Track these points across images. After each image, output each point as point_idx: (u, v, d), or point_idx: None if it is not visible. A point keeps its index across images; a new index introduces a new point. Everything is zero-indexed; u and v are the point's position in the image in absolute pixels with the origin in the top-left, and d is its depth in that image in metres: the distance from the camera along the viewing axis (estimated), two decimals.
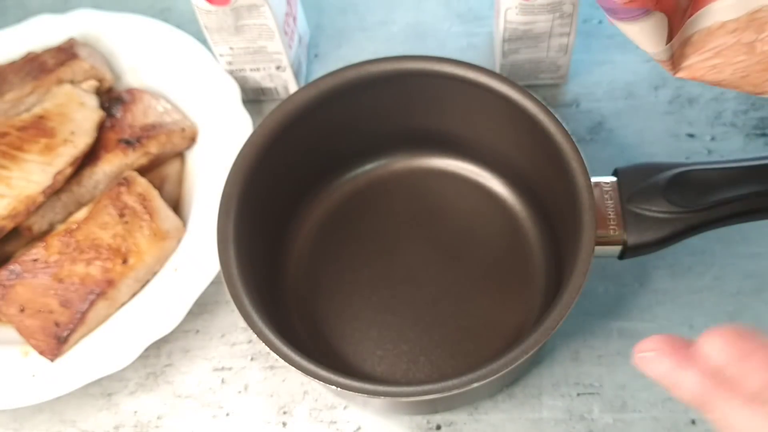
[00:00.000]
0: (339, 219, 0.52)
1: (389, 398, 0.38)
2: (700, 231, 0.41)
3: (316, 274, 0.50)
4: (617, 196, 0.42)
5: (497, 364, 0.37)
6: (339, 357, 0.47)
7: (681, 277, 0.50)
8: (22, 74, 0.56)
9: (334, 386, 0.38)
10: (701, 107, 0.55)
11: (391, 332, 0.48)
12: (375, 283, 0.49)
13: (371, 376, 0.47)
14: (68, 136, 0.52)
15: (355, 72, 0.46)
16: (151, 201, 0.51)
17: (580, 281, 0.38)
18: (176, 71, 0.58)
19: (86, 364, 0.48)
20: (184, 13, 0.63)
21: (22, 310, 0.48)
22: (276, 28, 0.53)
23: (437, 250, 0.50)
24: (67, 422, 0.50)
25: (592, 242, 0.39)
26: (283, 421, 0.48)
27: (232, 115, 0.55)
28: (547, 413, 0.46)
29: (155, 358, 0.51)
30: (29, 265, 0.49)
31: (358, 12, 0.64)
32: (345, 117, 0.48)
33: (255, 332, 0.39)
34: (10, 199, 0.50)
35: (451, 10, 0.63)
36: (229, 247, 0.42)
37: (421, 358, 0.47)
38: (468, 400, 0.47)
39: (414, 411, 0.47)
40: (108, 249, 0.49)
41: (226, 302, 0.52)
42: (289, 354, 0.39)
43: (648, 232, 0.41)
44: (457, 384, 0.37)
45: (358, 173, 0.53)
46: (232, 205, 0.43)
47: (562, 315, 0.38)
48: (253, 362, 0.50)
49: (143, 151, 0.53)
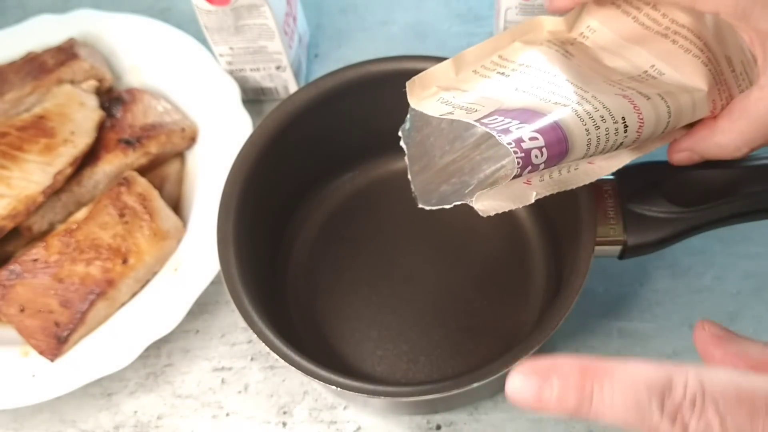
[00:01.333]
0: (339, 219, 0.52)
1: (389, 398, 0.38)
2: (700, 231, 0.41)
3: (316, 274, 0.50)
4: (617, 195, 0.42)
5: (497, 364, 0.37)
6: (339, 357, 0.47)
7: (681, 277, 0.50)
8: (22, 74, 0.56)
9: (334, 386, 0.38)
10: None
11: (391, 332, 0.48)
12: (375, 283, 0.49)
13: (371, 377, 0.47)
14: (68, 136, 0.52)
15: (355, 72, 0.46)
16: (151, 201, 0.51)
17: (579, 281, 0.38)
18: (176, 71, 0.58)
19: (86, 364, 0.48)
20: (184, 13, 0.63)
21: (22, 310, 0.48)
22: (276, 28, 0.53)
23: (437, 250, 0.50)
24: (67, 422, 0.50)
25: (592, 242, 0.39)
26: (283, 421, 0.48)
27: (232, 115, 0.55)
28: (547, 413, 0.46)
29: (155, 358, 0.51)
30: (29, 265, 0.49)
31: (358, 12, 0.64)
32: (345, 117, 0.48)
33: (255, 332, 0.39)
34: (10, 199, 0.50)
35: (451, 10, 0.63)
36: (229, 247, 0.42)
37: (421, 358, 0.47)
38: (468, 400, 0.47)
39: (414, 411, 0.47)
40: (108, 249, 0.49)
41: (226, 302, 0.52)
42: (289, 354, 0.39)
43: (648, 232, 0.41)
44: (457, 384, 0.37)
45: (358, 173, 0.53)
46: (232, 205, 0.43)
47: (562, 315, 0.38)
48: (253, 362, 0.50)
49: (143, 151, 0.53)
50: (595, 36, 0.36)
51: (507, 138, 0.30)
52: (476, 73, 0.36)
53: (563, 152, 0.32)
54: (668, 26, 0.35)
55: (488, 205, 0.34)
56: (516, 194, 0.35)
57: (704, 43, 0.35)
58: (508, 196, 0.34)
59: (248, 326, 0.40)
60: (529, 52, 0.36)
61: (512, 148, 0.30)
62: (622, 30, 0.36)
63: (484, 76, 0.36)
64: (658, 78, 0.35)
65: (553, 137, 0.31)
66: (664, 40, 0.35)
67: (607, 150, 0.34)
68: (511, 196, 0.35)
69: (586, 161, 0.36)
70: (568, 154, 0.32)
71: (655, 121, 0.34)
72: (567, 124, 0.32)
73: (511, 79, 0.35)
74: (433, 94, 0.35)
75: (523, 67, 0.35)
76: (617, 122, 0.33)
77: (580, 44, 0.37)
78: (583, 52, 0.36)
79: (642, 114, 0.33)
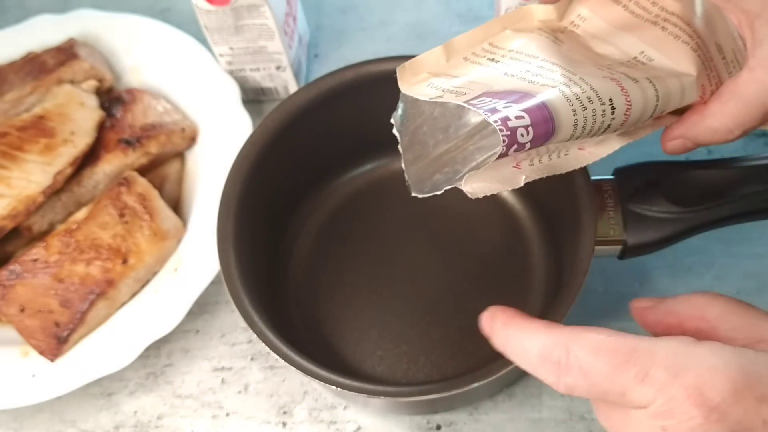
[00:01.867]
0: (339, 219, 0.52)
1: (389, 398, 0.38)
2: (700, 231, 0.41)
3: (316, 274, 0.50)
4: (617, 195, 0.42)
5: (497, 364, 0.37)
6: (339, 357, 0.47)
7: (681, 277, 0.50)
8: (22, 74, 0.56)
9: (334, 386, 0.38)
10: None
11: (391, 332, 0.48)
12: (375, 283, 0.49)
13: (371, 377, 0.47)
14: (68, 136, 0.52)
15: (355, 72, 0.46)
16: (151, 201, 0.51)
17: (579, 281, 0.38)
18: (176, 71, 0.58)
19: (86, 364, 0.48)
20: (184, 13, 0.63)
21: (22, 310, 0.48)
22: (276, 28, 0.53)
23: (437, 249, 0.50)
24: (67, 422, 0.50)
25: (592, 242, 0.39)
26: (283, 421, 0.48)
27: (232, 115, 0.55)
28: (547, 413, 0.46)
29: (155, 358, 0.51)
30: (29, 265, 0.49)
31: (358, 12, 0.64)
32: (345, 117, 0.48)
33: (255, 332, 0.39)
34: (10, 199, 0.50)
35: (451, 10, 0.63)
36: (229, 247, 0.42)
37: (421, 358, 0.47)
38: (468, 400, 0.47)
39: (414, 411, 0.47)
40: (108, 249, 0.49)
41: (226, 302, 0.52)
42: (289, 354, 0.39)
43: (648, 231, 0.41)
44: (457, 384, 0.37)
45: (358, 173, 0.53)
46: (232, 205, 0.43)
47: (562, 314, 0.38)
48: (253, 362, 0.50)
49: (143, 151, 0.53)
50: (585, 24, 0.37)
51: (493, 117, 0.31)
52: (467, 60, 0.36)
53: (549, 131, 0.32)
54: (658, 14, 0.36)
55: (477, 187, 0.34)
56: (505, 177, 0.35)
57: (693, 30, 0.35)
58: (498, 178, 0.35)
59: (248, 326, 0.40)
60: (519, 40, 0.36)
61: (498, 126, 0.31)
62: (612, 18, 0.36)
63: (475, 62, 0.36)
64: (647, 64, 0.36)
65: (539, 116, 0.32)
66: (654, 27, 0.36)
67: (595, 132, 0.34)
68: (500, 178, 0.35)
69: (577, 147, 0.36)
70: (555, 133, 0.33)
71: (643, 104, 0.34)
72: (553, 104, 0.32)
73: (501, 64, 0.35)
74: (424, 79, 0.36)
75: (513, 53, 0.36)
76: (604, 104, 0.33)
77: (570, 32, 0.37)
78: (574, 39, 0.37)
79: (630, 97, 0.34)
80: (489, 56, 0.36)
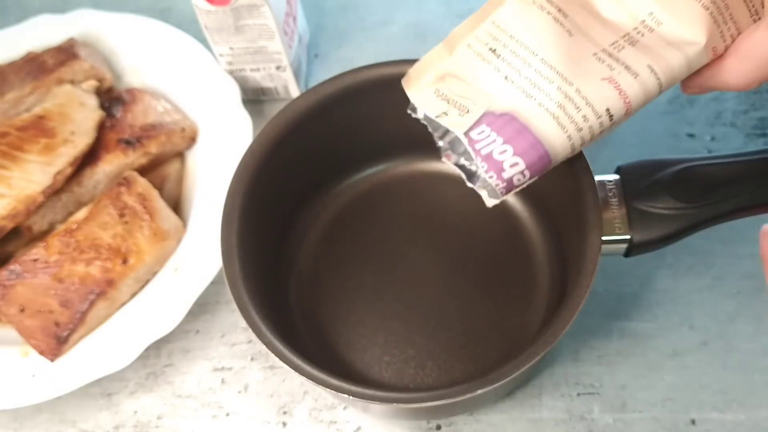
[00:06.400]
0: (341, 225, 0.52)
1: (399, 405, 0.37)
2: (706, 226, 0.41)
3: (320, 281, 0.50)
4: (621, 193, 0.42)
5: (508, 368, 0.36)
6: (346, 364, 0.47)
7: (681, 277, 0.50)
8: (22, 74, 0.56)
9: (346, 395, 0.37)
10: (701, 107, 0.55)
11: (397, 337, 0.47)
12: (379, 289, 0.49)
13: (379, 383, 0.46)
14: (68, 136, 0.52)
15: (354, 78, 0.46)
16: (151, 201, 0.51)
17: (587, 281, 0.38)
18: (176, 71, 0.58)
19: (86, 364, 0.48)
20: (184, 13, 0.63)
21: (22, 310, 0.48)
22: (276, 28, 0.53)
23: (440, 253, 0.50)
24: (67, 422, 0.50)
25: (598, 241, 0.39)
26: (283, 421, 0.48)
27: (232, 115, 0.55)
28: (547, 413, 0.46)
29: (155, 358, 0.51)
30: (29, 265, 0.49)
31: (358, 12, 0.64)
32: (345, 123, 0.48)
33: (264, 343, 0.38)
34: (10, 199, 0.50)
35: (451, 10, 0.63)
36: (234, 260, 0.41)
37: (428, 363, 0.47)
38: (476, 404, 0.46)
39: (423, 417, 0.47)
40: (108, 249, 0.49)
41: (226, 302, 0.52)
42: (291, 357, 0.38)
43: (654, 228, 0.41)
44: (468, 389, 0.36)
45: (360, 178, 0.53)
46: (234, 216, 0.43)
47: (571, 315, 0.37)
48: (253, 362, 0.50)
49: (143, 151, 0.53)
50: None
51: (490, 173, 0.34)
52: (470, 47, 0.36)
53: (546, 165, 0.35)
54: None
55: None
56: None
57: None
58: None
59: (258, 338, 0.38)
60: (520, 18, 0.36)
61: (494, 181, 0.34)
62: None
63: (478, 53, 0.36)
64: (655, 30, 0.35)
65: (534, 157, 0.34)
66: None
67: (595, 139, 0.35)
68: None
69: None
70: (552, 164, 0.35)
71: (644, 97, 0.34)
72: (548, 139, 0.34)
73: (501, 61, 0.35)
74: (430, 83, 0.36)
75: (514, 42, 0.35)
76: (601, 116, 0.34)
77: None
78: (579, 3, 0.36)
79: (628, 97, 0.34)
80: (491, 45, 0.36)
